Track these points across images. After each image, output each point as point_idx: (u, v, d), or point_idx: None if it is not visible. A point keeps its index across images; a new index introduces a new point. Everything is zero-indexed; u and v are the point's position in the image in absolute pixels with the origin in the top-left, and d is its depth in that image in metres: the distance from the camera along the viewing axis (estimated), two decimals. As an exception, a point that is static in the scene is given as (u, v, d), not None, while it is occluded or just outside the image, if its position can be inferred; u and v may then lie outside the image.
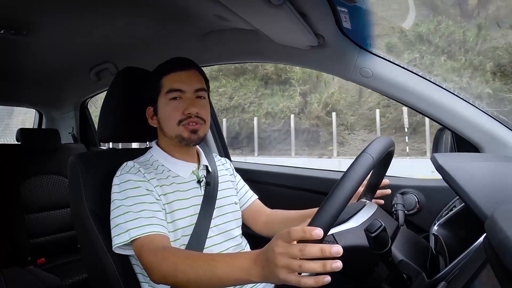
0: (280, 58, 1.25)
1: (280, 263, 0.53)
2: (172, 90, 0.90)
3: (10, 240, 1.70)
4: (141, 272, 0.89)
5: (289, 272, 0.53)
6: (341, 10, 0.87)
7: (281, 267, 0.53)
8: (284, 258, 0.53)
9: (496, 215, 0.46)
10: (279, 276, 0.54)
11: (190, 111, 0.89)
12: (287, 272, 0.53)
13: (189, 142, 0.91)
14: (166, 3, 1.10)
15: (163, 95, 0.91)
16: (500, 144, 0.93)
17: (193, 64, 0.95)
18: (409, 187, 1.10)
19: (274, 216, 1.07)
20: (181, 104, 0.90)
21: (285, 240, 0.54)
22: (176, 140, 0.91)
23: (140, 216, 0.80)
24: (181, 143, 0.92)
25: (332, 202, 0.55)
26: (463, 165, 0.66)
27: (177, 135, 0.90)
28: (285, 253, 0.53)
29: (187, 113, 0.89)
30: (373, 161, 0.61)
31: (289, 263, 0.53)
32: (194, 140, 0.91)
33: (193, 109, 0.89)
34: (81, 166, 0.94)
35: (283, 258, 0.53)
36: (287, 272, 0.53)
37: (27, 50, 1.51)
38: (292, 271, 0.53)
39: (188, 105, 0.89)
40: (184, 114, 0.89)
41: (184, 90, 0.90)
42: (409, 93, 0.99)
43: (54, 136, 1.96)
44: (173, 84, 0.90)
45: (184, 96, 0.90)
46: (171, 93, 0.90)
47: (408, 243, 0.72)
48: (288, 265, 0.53)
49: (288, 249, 0.53)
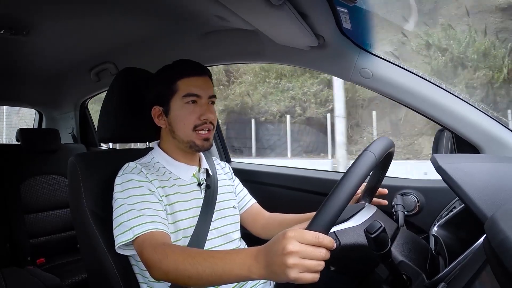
0: (280, 59, 1.25)
1: (290, 262, 0.54)
2: (190, 95, 0.91)
3: (10, 240, 1.70)
4: (140, 272, 0.89)
5: (301, 271, 0.55)
6: (341, 11, 0.87)
7: (292, 266, 0.54)
8: (295, 258, 0.54)
9: (496, 216, 0.46)
10: (290, 274, 0.55)
11: (206, 117, 0.91)
12: (298, 271, 0.55)
13: (200, 149, 0.94)
14: (166, 4, 1.10)
15: (179, 98, 0.91)
16: (500, 144, 0.93)
17: (207, 70, 0.97)
18: (409, 188, 1.10)
19: (273, 219, 1.08)
20: (197, 109, 0.91)
21: (299, 240, 0.55)
22: (187, 145, 0.93)
23: (143, 214, 0.80)
24: (191, 149, 0.93)
25: (334, 200, 0.56)
26: (463, 166, 0.66)
27: (189, 140, 0.92)
28: (297, 253, 0.54)
29: (203, 118, 0.91)
30: (376, 159, 0.61)
31: (301, 262, 0.54)
32: (205, 147, 0.93)
33: (210, 115, 0.91)
34: (81, 166, 0.94)
35: (294, 257, 0.54)
36: (298, 271, 0.55)
37: (27, 50, 1.51)
38: (305, 270, 0.55)
39: (205, 111, 0.91)
40: (200, 120, 0.91)
41: (201, 95, 0.92)
42: (409, 93, 0.99)
43: (54, 136, 1.95)
44: (191, 89, 0.91)
45: (200, 102, 0.92)
46: (189, 97, 0.91)
47: (408, 244, 0.72)
48: (303, 265, 0.54)
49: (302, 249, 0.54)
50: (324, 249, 0.55)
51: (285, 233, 0.56)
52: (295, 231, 0.56)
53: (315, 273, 0.55)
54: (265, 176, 1.50)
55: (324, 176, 1.36)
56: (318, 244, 0.55)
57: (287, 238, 0.55)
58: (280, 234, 0.57)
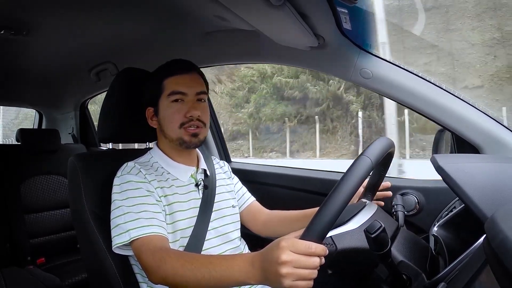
0: (280, 59, 1.25)
1: (283, 271, 0.55)
2: (175, 93, 0.90)
3: (10, 240, 1.70)
4: (140, 272, 0.89)
5: (294, 279, 0.56)
6: (341, 11, 0.87)
7: (285, 276, 0.55)
8: (288, 267, 0.55)
9: (496, 216, 0.46)
10: (284, 283, 0.56)
11: (192, 114, 0.90)
12: (292, 280, 0.56)
13: (189, 145, 0.92)
14: (167, 4, 1.10)
15: (165, 97, 0.91)
16: (500, 145, 0.93)
17: (195, 67, 0.96)
18: (409, 188, 1.10)
19: (273, 216, 1.08)
20: (183, 107, 0.90)
21: (292, 250, 0.56)
22: (176, 142, 0.92)
23: (140, 217, 0.80)
24: (181, 146, 0.93)
25: (330, 206, 0.55)
26: (463, 166, 0.66)
27: (178, 137, 0.91)
28: (290, 262, 0.55)
29: (189, 116, 0.90)
30: (372, 164, 0.60)
31: (294, 272, 0.55)
32: (194, 143, 0.92)
33: (195, 112, 0.90)
34: (81, 167, 0.94)
35: (288, 267, 0.55)
36: (292, 280, 0.56)
37: (27, 50, 1.51)
38: (299, 279, 0.56)
39: (190, 108, 0.90)
40: (186, 117, 0.90)
41: (186, 93, 0.91)
42: (409, 94, 0.98)
43: (54, 136, 1.95)
44: (175, 86, 0.91)
45: (186, 99, 0.91)
46: (173, 96, 0.90)
47: (408, 244, 0.72)
48: (296, 274, 0.55)
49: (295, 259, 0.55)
50: (317, 257, 0.56)
51: (279, 243, 0.57)
52: (288, 240, 0.57)
53: (309, 280, 0.57)
54: (265, 176, 1.50)
55: (324, 176, 1.36)
56: (310, 254, 0.56)
57: (281, 248, 0.56)
58: (274, 243, 0.59)
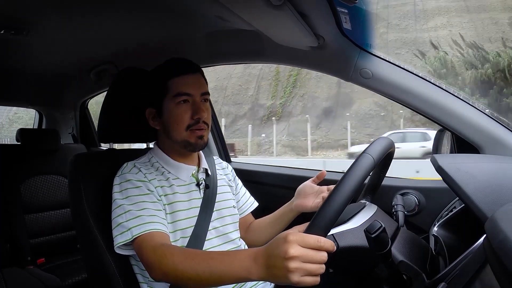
0: (280, 59, 1.25)
1: (291, 266, 0.55)
2: (181, 94, 0.89)
3: (10, 240, 1.70)
4: (141, 272, 0.89)
5: (302, 275, 0.55)
6: (341, 11, 0.87)
7: (293, 271, 0.55)
8: (297, 262, 0.55)
9: (496, 216, 0.46)
10: (291, 278, 0.55)
11: (199, 116, 0.89)
12: (300, 275, 0.55)
13: (195, 148, 0.92)
14: (167, 4, 1.10)
15: (170, 98, 0.90)
16: (500, 145, 0.93)
17: (198, 68, 0.95)
18: (409, 188, 1.10)
19: (254, 224, 1.10)
20: (189, 108, 0.89)
21: (301, 244, 0.55)
22: (181, 145, 0.91)
23: (141, 214, 0.80)
24: (186, 149, 0.92)
25: (333, 203, 0.56)
26: (463, 166, 0.67)
27: (184, 140, 0.90)
28: (299, 257, 0.55)
29: (196, 117, 0.89)
30: (374, 161, 0.61)
31: (303, 267, 0.55)
32: (200, 146, 0.92)
33: (203, 113, 0.89)
34: (81, 166, 0.94)
35: (296, 262, 0.55)
36: (300, 275, 0.55)
37: (27, 50, 1.51)
38: (307, 274, 0.55)
39: (197, 110, 0.89)
40: (193, 119, 0.89)
41: (192, 94, 0.90)
42: (409, 94, 0.99)
43: (54, 136, 1.95)
44: (181, 87, 0.89)
45: (192, 100, 0.90)
46: (180, 97, 0.89)
47: (408, 244, 0.72)
48: (304, 269, 0.55)
49: (304, 253, 0.55)
50: (325, 252, 0.56)
51: (287, 237, 0.56)
52: (295, 234, 0.56)
53: (316, 276, 0.56)
54: (265, 176, 1.50)
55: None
56: (319, 248, 0.55)
57: (288, 242, 0.55)
58: (281, 238, 0.58)
